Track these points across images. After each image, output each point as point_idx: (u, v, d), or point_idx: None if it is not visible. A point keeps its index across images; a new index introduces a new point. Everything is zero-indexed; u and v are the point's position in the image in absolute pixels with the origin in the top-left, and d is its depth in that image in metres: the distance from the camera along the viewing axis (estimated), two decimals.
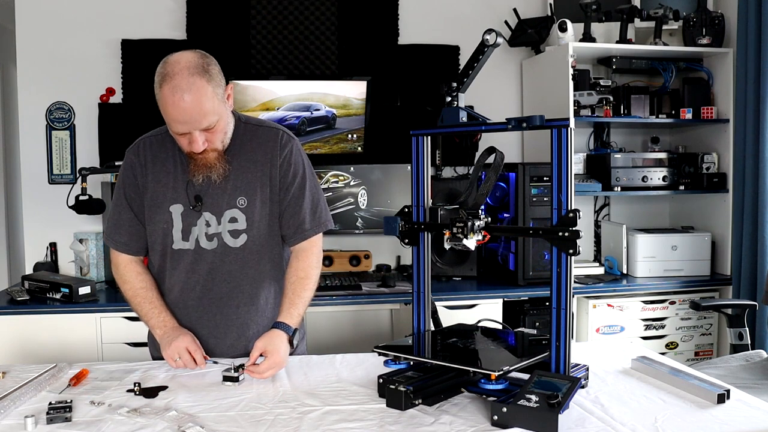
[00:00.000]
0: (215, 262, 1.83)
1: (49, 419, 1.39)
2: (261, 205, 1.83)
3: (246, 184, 1.82)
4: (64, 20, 3.28)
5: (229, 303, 1.86)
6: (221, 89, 1.71)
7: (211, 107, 1.67)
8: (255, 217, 1.82)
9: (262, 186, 1.83)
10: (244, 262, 1.84)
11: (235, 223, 1.82)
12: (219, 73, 1.72)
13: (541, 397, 1.36)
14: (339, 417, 1.44)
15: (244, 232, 1.82)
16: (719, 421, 1.40)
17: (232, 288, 1.85)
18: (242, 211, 1.81)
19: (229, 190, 1.81)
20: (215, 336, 1.87)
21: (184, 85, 1.64)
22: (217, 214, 1.81)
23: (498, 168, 1.66)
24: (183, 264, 1.83)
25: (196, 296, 1.85)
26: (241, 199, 1.82)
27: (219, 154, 1.77)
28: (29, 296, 2.82)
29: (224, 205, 1.81)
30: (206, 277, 1.83)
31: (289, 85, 3.21)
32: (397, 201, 3.28)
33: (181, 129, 1.68)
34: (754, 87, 3.07)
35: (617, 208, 3.72)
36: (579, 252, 1.46)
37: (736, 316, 2.75)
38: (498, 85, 3.57)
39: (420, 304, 1.78)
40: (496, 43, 2.00)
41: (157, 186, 1.82)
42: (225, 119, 1.75)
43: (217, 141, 1.74)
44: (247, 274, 1.85)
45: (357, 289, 2.96)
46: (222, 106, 1.72)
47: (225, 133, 1.77)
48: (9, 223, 4.65)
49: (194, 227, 1.81)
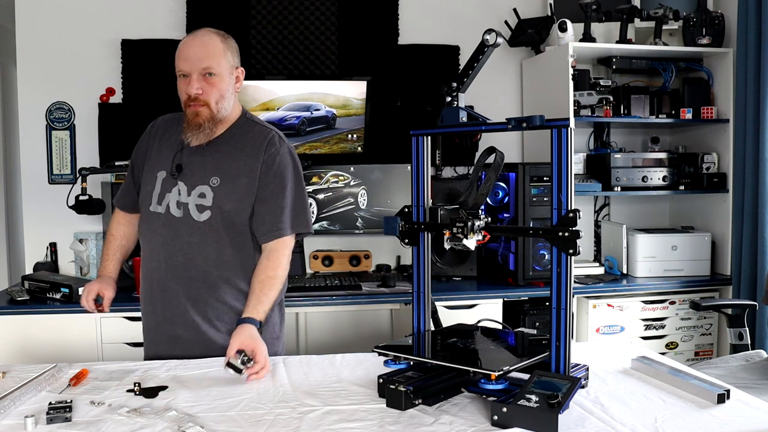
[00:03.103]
0: (179, 230, 1.91)
1: (49, 419, 1.39)
2: (233, 190, 1.89)
3: (225, 168, 1.91)
4: (64, 20, 3.28)
5: (184, 274, 1.92)
6: (232, 58, 1.89)
7: (216, 57, 1.85)
8: (223, 198, 1.89)
9: (239, 174, 1.90)
10: (202, 238, 1.90)
11: (202, 199, 1.89)
12: (236, 49, 1.93)
13: (541, 397, 1.36)
14: (339, 417, 1.44)
15: (209, 209, 1.89)
16: (719, 421, 1.40)
17: (187, 260, 1.91)
18: (212, 189, 1.89)
19: (208, 168, 1.91)
20: (171, 303, 1.94)
21: (200, 33, 1.88)
22: (190, 186, 1.91)
23: (498, 168, 1.66)
24: (154, 227, 1.94)
25: (159, 259, 1.94)
26: (214, 179, 1.90)
27: (210, 116, 1.87)
28: (29, 296, 2.82)
29: (198, 180, 1.91)
30: (170, 242, 1.92)
31: (289, 85, 3.21)
32: (397, 201, 3.28)
33: (183, 66, 1.85)
34: (754, 87, 3.07)
35: (617, 208, 3.72)
36: (579, 252, 1.46)
37: (736, 316, 2.75)
38: (498, 85, 3.57)
39: (420, 304, 1.78)
40: (496, 43, 2.00)
41: (156, 155, 1.99)
42: (225, 84, 1.88)
43: (211, 95, 1.86)
44: (204, 250, 1.90)
45: (357, 289, 2.96)
46: (226, 70, 1.87)
47: (222, 96, 1.88)
48: (9, 223, 4.65)
49: (168, 193, 1.92)
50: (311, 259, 3.40)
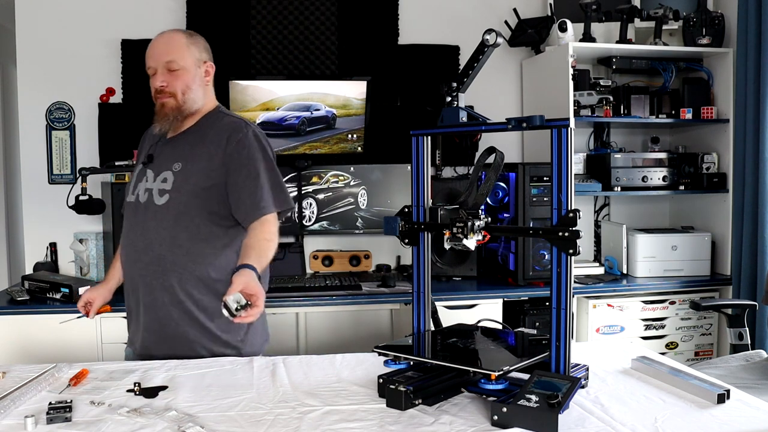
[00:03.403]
0: (142, 215, 1.96)
1: (49, 419, 1.39)
2: (193, 174, 1.92)
3: (188, 153, 1.95)
4: (64, 20, 3.28)
5: (143, 257, 1.94)
6: (198, 52, 1.98)
7: (179, 51, 1.94)
8: (182, 182, 1.92)
9: (199, 159, 1.93)
10: (159, 221, 1.92)
11: (164, 183, 1.93)
12: (204, 45, 2.01)
13: (541, 397, 1.36)
14: (339, 417, 1.44)
15: (168, 193, 1.93)
16: (719, 421, 1.40)
17: (146, 244, 1.94)
18: (174, 174, 1.94)
19: (174, 155, 1.97)
20: (135, 289, 1.98)
21: (165, 32, 2.01)
22: (156, 172, 1.97)
23: (498, 168, 1.66)
24: (127, 215, 2.02)
25: (126, 245, 2.01)
26: (177, 164, 1.94)
27: (176, 106, 1.95)
28: (29, 296, 2.82)
29: (163, 167, 1.96)
30: (134, 228, 1.97)
31: (289, 85, 3.21)
32: (397, 201, 3.28)
33: (150, 63, 1.96)
34: (754, 87, 3.07)
35: (617, 208, 3.72)
36: (579, 252, 1.46)
37: (736, 316, 2.75)
38: (498, 85, 3.57)
39: (420, 304, 1.78)
40: (496, 43, 2.00)
41: (140, 155, 2.11)
42: (191, 76, 1.96)
43: (176, 86, 1.94)
44: (160, 234, 1.92)
45: (357, 289, 2.96)
46: (191, 63, 1.96)
47: (188, 87, 1.95)
48: (9, 223, 4.65)
49: (140, 183, 1.99)
50: (311, 259, 3.40)
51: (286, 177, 3.27)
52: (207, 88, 2.02)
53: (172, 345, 1.93)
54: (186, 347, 1.92)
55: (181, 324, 1.92)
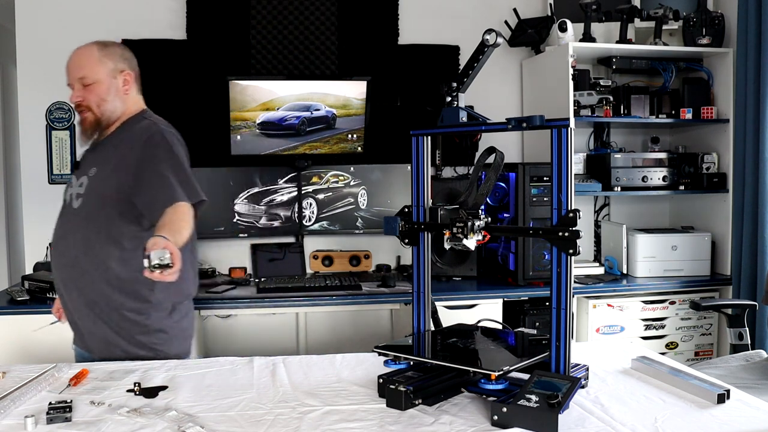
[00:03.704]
0: (65, 219, 2.03)
1: (49, 419, 1.39)
2: (105, 178, 1.95)
3: (103, 158, 2.00)
4: (64, 20, 3.27)
5: (62, 260, 2.00)
6: (112, 64, 2.02)
7: (90, 65, 1.99)
8: (95, 186, 1.96)
9: (110, 162, 1.97)
10: (75, 225, 1.98)
11: (80, 188, 2.00)
12: (120, 55, 2.06)
13: (541, 397, 1.36)
14: (339, 417, 1.44)
15: (82, 197, 1.97)
16: (719, 421, 1.40)
17: (65, 247, 1.99)
18: (88, 179, 1.99)
19: (93, 160, 2.03)
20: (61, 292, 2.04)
21: (80, 47, 2.04)
22: (78, 177, 2.03)
23: (498, 168, 1.66)
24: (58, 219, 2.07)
25: (53, 248, 2.07)
26: (93, 169, 1.99)
27: (95, 119, 2.00)
28: (29, 296, 2.81)
29: (84, 172, 2.02)
30: (57, 232, 2.04)
31: (289, 85, 3.21)
32: (397, 201, 3.28)
33: (67, 79, 2.02)
34: (754, 87, 3.07)
35: (617, 208, 3.72)
36: (579, 252, 1.46)
37: (736, 316, 2.75)
38: (498, 85, 3.57)
39: (420, 304, 1.78)
40: (496, 43, 2.00)
41: None
42: (105, 88, 2.00)
43: (92, 101, 1.99)
44: (75, 237, 1.97)
45: (357, 289, 2.96)
46: (105, 75, 2.00)
47: (103, 99, 2.00)
48: (9, 223, 4.65)
49: (69, 188, 2.07)
50: (311, 259, 3.40)
51: (286, 177, 3.28)
52: (127, 97, 2.06)
53: (93, 346, 1.99)
54: (103, 348, 1.97)
55: (96, 324, 1.96)
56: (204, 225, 3.20)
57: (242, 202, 3.25)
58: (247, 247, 3.37)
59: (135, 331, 1.95)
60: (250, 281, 3.16)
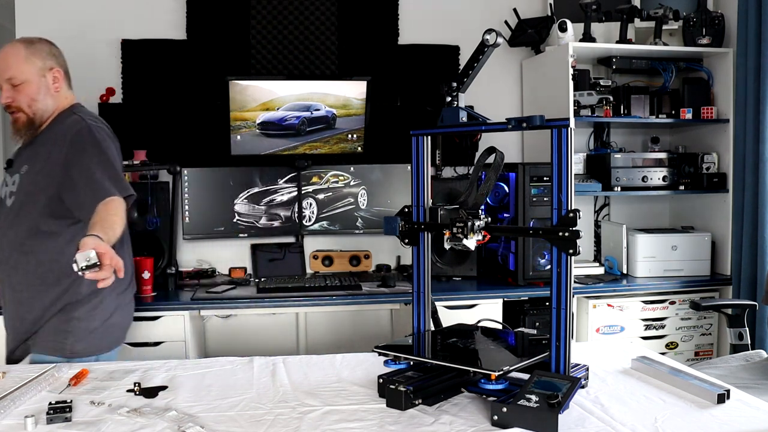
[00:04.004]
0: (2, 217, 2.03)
1: (49, 419, 1.39)
2: (34, 174, 1.96)
3: (34, 156, 2.01)
4: (64, 20, 3.27)
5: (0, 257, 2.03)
6: (40, 62, 2.00)
7: (16, 66, 1.97)
8: (25, 183, 1.97)
9: (39, 160, 1.98)
10: (8, 222, 2.01)
11: (13, 186, 1.99)
12: (48, 52, 2.03)
13: (541, 397, 1.36)
14: (339, 417, 1.44)
15: (14, 195, 1.99)
16: (719, 421, 1.40)
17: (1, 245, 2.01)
18: (20, 176, 2.00)
19: (25, 158, 2.03)
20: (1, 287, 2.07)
21: (6, 46, 2.01)
22: (11, 175, 2.05)
23: (498, 168, 1.66)
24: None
25: None
26: (24, 167, 2.01)
27: (27, 119, 2.00)
28: None
29: (16, 170, 2.03)
30: None
31: (289, 85, 3.21)
32: (397, 201, 3.28)
33: None
34: (754, 87, 3.07)
35: (617, 208, 3.72)
36: (579, 252, 1.46)
37: (736, 316, 2.75)
38: (498, 85, 3.57)
39: (420, 304, 1.78)
40: (496, 43, 2.00)
41: None
42: (35, 88, 1.99)
43: (22, 101, 1.98)
44: (8, 234, 2.00)
45: (357, 289, 2.96)
46: (33, 75, 1.98)
47: (33, 99, 1.99)
48: None
49: (4, 187, 2.07)
50: (311, 259, 3.40)
51: (286, 177, 3.28)
52: (58, 94, 2.05)
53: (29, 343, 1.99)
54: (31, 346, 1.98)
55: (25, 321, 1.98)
56: (204, 225, 3.22)
57: (242, 202, 3.25)
58: (247, 247, 3.37)
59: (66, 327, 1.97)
60: (250, 281, 3.16)
